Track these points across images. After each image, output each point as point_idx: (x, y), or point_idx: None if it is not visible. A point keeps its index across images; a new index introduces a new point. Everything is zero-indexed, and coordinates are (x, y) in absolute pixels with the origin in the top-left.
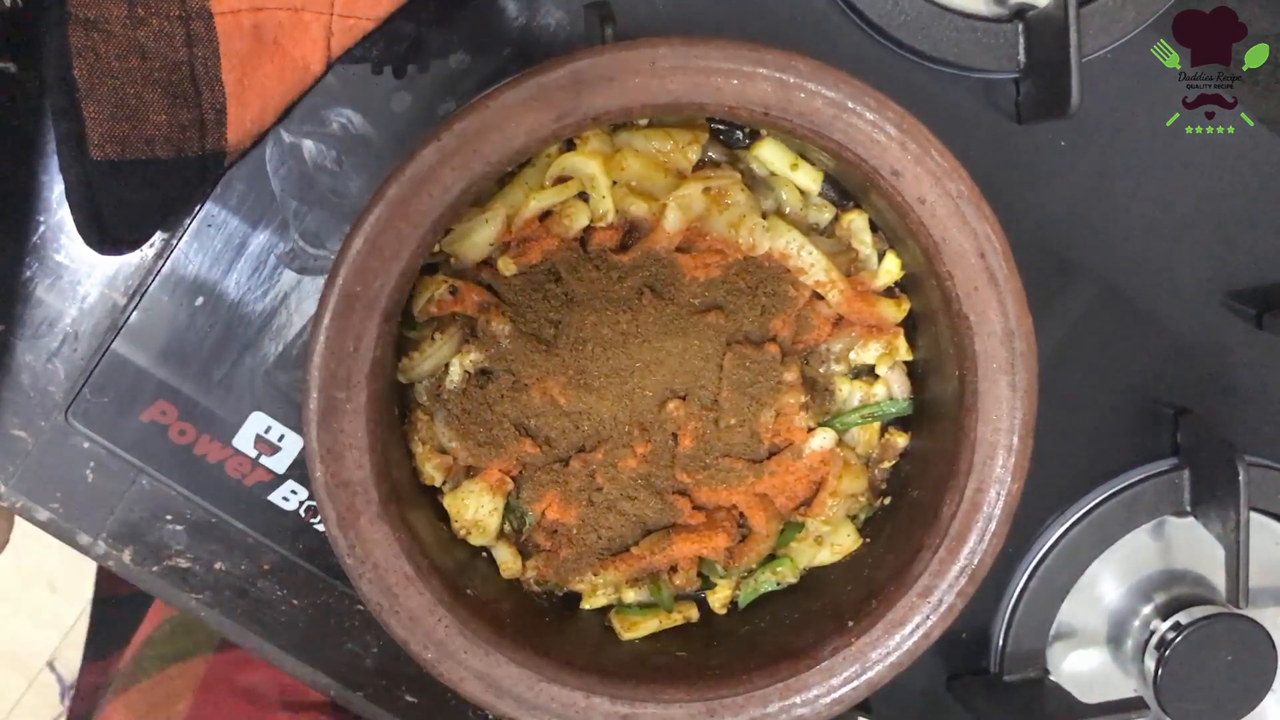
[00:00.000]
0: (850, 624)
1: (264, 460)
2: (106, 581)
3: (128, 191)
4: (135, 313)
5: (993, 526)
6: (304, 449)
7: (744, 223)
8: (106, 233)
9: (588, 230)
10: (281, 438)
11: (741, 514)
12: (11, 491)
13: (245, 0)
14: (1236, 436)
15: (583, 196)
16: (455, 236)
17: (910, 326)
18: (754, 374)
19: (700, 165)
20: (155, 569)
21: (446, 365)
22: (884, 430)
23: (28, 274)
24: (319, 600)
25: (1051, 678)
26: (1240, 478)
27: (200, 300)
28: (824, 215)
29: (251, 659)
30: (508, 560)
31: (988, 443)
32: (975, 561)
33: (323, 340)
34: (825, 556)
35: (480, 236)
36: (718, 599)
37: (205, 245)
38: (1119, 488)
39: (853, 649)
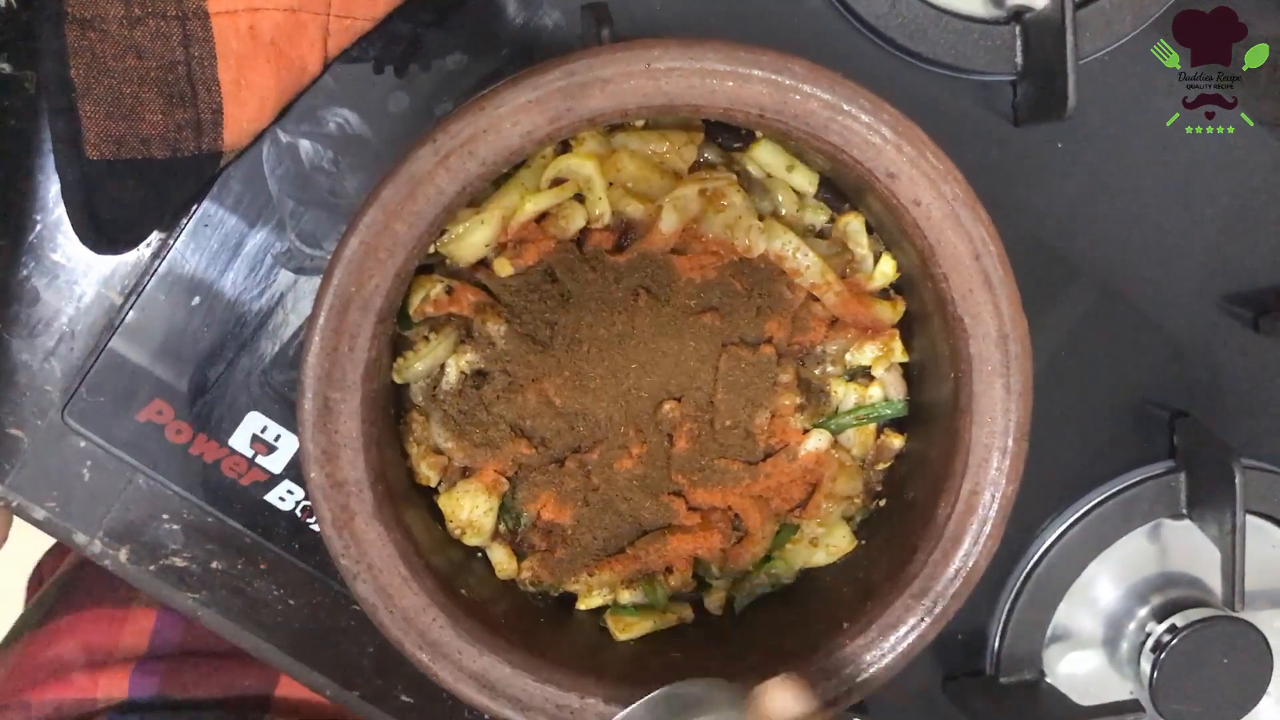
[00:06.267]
0: (845, 625)
1: (260, 460)
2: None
3: (124, 191)
4: (132, 312)
5: (987, 529)
6: (299, 449)
7: (740, 224)
8: (103, 232)
9: (584, 231)
10: (278, 438)
11: (737, 515)
12: (8, 490)
13: (242, 1)
14: (1233, 439)
15: (579, 198)
16: (451, 238)
17: (906, 328)
18: (749, 375)
19: (696, 166)
20: (152, 568)
21: (442, 366)
22: (879, 432)
23: (24, 273)
24: (315, 600)
25: (1047, 680)
26: (1236, 480)
27: (197, 300)
28: (820, 217)
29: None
30: (503, 561)
31: (983, 445)
32: (970, 564)
33: (317, 341)
34: (820, 558)
35: (476, 238)
36: (713, 600)
37: (202, 245)
38: (1115, 490)
39: (847, 650)
